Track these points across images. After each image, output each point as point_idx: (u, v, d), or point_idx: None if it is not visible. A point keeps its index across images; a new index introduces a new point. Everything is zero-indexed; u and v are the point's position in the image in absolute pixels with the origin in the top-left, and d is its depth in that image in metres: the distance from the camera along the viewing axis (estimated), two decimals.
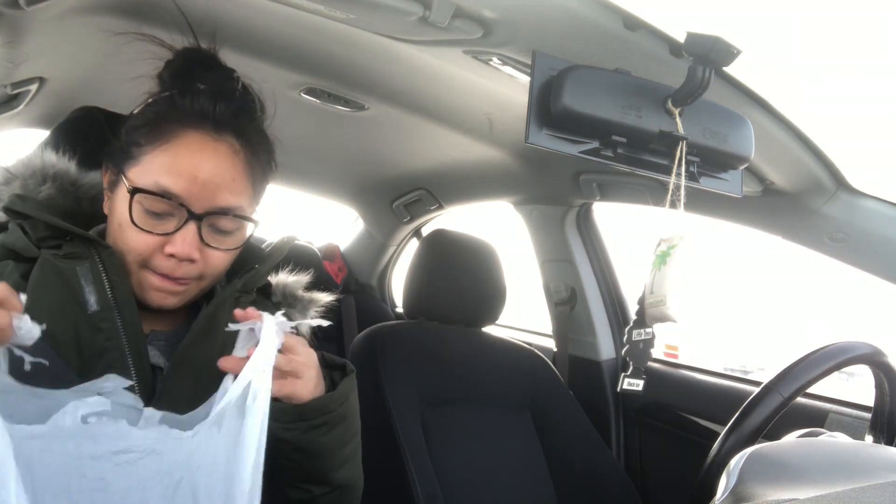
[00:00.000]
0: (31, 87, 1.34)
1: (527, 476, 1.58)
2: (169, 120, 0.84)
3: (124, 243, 0.83)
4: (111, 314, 0.83)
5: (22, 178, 0.88)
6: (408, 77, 1.35)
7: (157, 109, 0.86)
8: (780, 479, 0.64)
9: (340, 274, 2.65)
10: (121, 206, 0.83)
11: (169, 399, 0.83)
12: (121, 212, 0.83)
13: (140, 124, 0.85)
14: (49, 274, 0.82)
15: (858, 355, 0.98)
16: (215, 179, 0.83)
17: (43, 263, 0.82)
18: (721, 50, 0.78)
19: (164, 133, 0.83)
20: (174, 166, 0.82)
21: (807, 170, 1.18)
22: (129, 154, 0.84)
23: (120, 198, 0.84)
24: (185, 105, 0.84)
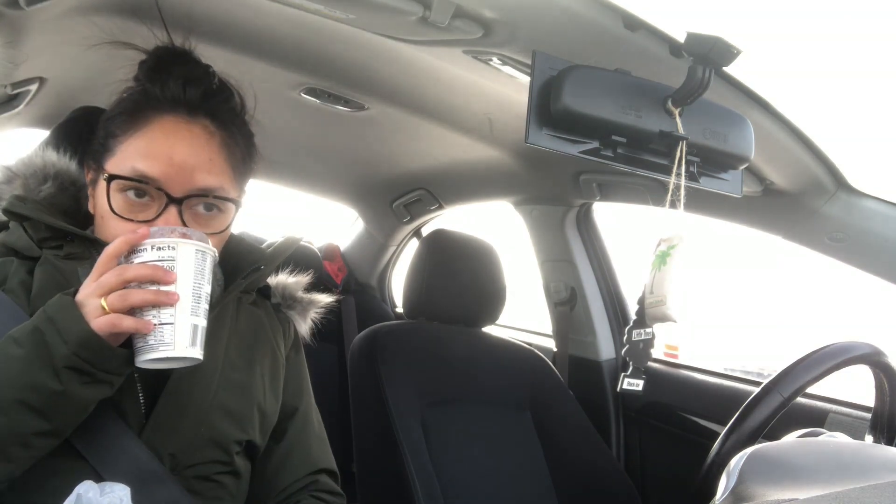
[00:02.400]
0: (31, 87, 1.34)
1: (527, 476, 1.58)
2: (142, 108, 0.84)
3: (107, 234, 0.82)
4: None
5: (23, 176, 0.89)
6: (408, 77, 1.35)
7: (130, 100, 0.86)
8: (780, 479, 0.64)
9: (340, 274, 2.65)
10: (100, 198, 0.83)
11: (175, 401, 0.83)
12: (101, 203, 0.83)
13: (114, 115, 0.86)
14: (51, 274, 0.82)
15: (858, 355, 0.98)
16: (190, 160, 0.83)
17: (45, 264, 0.83)
18: (721, 50, 0.78)
19: (138, 121, 0.83)
20: (149, 150, 0.82)
21: (807, 170, 1.18)
22: (106, 147, 0.85)
23: (100, 190, 0.84)
24: (156, 92, 0.85)
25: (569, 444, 1.63)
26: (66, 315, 0.69)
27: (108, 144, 0.84)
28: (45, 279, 0.82)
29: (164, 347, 0.71)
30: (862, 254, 1.27)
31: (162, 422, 0.82)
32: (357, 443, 1.52)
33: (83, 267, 0.83)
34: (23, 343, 0.69)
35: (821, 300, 2.95)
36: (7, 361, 0.69)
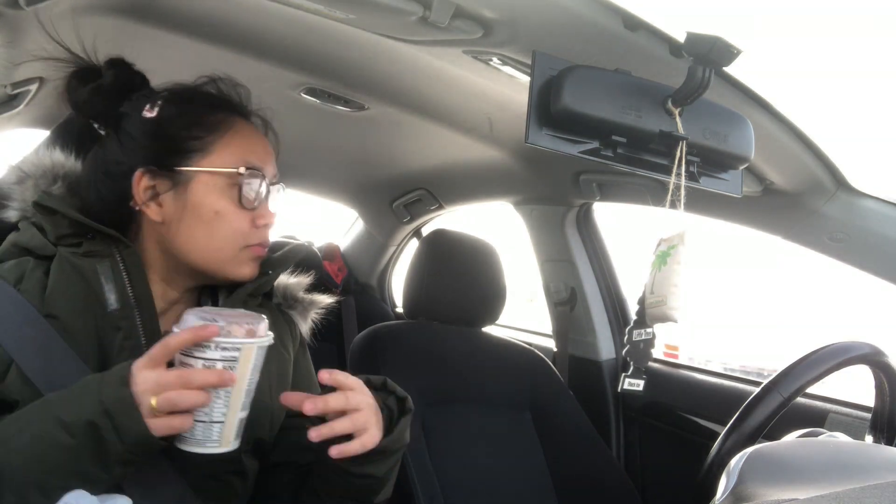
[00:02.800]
0: (31, 87, 1.34)
1: (527, 476, 1.58)
2: (216, 111, 0.88)
3: (227, 229, 0.85)
4: (131, 313, 0.83)
5: (34, 177, 0.88)
6: (408, 77, 1.35)
7: (199, 105, 0.88)
8: (780, 479, 0.64)
9: (340, 274, 2.65)
10: (213, 197, 0.85)
11: None
12: (215, 201, 0.85)
13: (190, 122, 0.86)
14: (68, 272, 0.82)
15: (858, 355, 0.98)
16: (269, 151, 0.92)
17: (61, 261, 0.83)
18: (721, 50, 0.78)
19: (220, 122, 0.87)
20: (250, 145, 0.88)
21: (807, 170, 1.18)
22: (188, 149, 0.85)
23: (205, 191, 0.85)
24: (219, 97, 0.90)
25: (569, 444, 1.63)
26: (125, 413, 0.68)
27: (191, 146, 0.85)
28: (62, 277, 0.82)
29: (211, 444, 0.72)
30: (862, 254, 1.27)
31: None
32: None
33: (102, 264, 0.84)
34: (75, 434, 0.68)
35: (821, 300, 2.95)
36: (55, 449, 0.68)
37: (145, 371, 0.70)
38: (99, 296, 0.82)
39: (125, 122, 0.87)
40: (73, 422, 0.68)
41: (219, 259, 0.86)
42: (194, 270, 0.88)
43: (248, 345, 0.72)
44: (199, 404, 0.70)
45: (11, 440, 0.68)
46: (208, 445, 0.72)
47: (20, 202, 0.88)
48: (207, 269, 0.87)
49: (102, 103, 0.87)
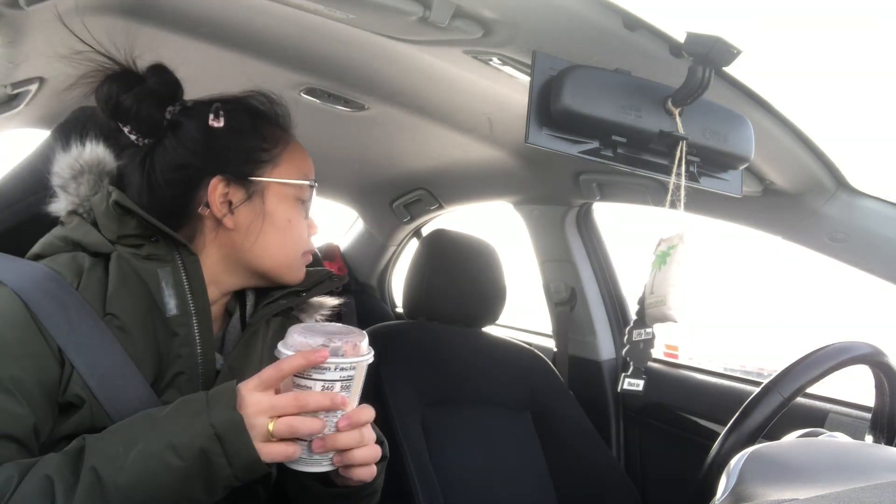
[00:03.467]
0: (31, 87, 1.34)
1: (527, 476, 1.58)
2: (276, 125, 0.93)
3: (297, 237, 0.92)
4: (189, 320, 0.83)
5: (88, 173, 0.87)
6: (408, 77, 1.35)
7: (264, 118, 0.92)
8: (780, 479, 0.64)
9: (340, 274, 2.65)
10: (286, 206, 0.90)
11: None
12: (288, 210, 0.90)
13: (261, 134, 0.90)
14: (128, 273, 0.81)
15: (858, 355, 0.98)
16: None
17: (120, 262, 0.81)
18: (721, 50, 0.78)
19: (281, 136, 0.92)
20: (304, 159, 0.95)
21: (807, 170, 1.18)
22: (259, 159, 0.89)
23: (278, 200, 0.89)
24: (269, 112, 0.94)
25: (569, 444, 1.63)
26: (236, 438, 0.67)
27: (262, 157, 0.89)
28: (122, 279, 0.81)
29: (325, 463, 0.73)
30: (862, 254, 1.27)
31: None
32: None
33: (164, 269, 0.83)
34: (185, 457, 0.67)
35: (821, 300, 2.95)
36: (163, 470, 0.66)
37: (256, 394, 0.70)
38: (158, 300, 0.82)
39: (183, 130, 0.87)
40: (183, 444, 0.67)
41: (286, 264, 0.91)
42: (255, 275, 0.91)
43: (362, 363, 0.73)
44: (316, 431, 0.70)
45: (118, 458, 0.67)
46: (324, 464, 0.73)
47: (74, 196, 0.86)
48: (273, 272, 0.91)
49: (148, 110, 0.86)
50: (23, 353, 0.72)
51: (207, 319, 0.85)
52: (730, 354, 2.24)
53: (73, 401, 0.74)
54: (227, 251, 0.88)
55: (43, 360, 0.73)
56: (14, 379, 0.70)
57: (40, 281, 0.76)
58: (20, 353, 0.72)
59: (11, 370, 0.71)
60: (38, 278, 0.77)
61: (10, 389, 0.70)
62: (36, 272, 0.77)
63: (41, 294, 0.75)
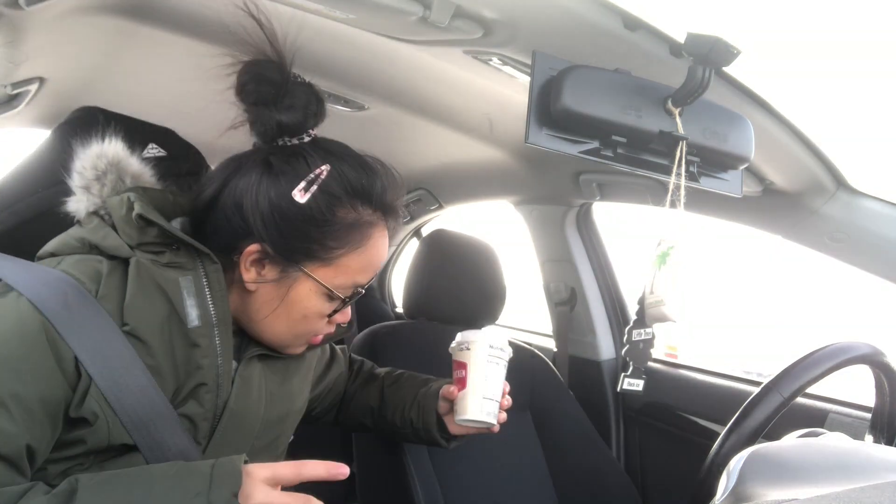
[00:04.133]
0: (31, 87, 1.34)
1: (527, 476, 1.58)
2: (366, 227, 0.86)
3: (308, 328, 0.88)
4: (211, 330, 0.81)
5: (111, 172, 0.85)
6: (408, 77, 1.35)
7: (343, 206, 0.84)
8: (780, 479, 0.64)
9: None
10: (310, 302, 0.85)
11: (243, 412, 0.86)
12: (310, 307, 0.85)
13: (329, 233, 0.83)
14: (147, 281, 0.78)
15: (858, 355, 0.98)
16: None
17: (139, 269, 0.78)
18: (721, 50, 0.78)
19: (359, 237, 0.85)
20: (370, 265, 0.88)
21: (807, 170, 1.18)
22: (312, 253, 0.83)
23: (306, 294, 0.85)
24: (372, 202, 0.87)
25: (569, 444, 1.63)
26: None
27: (318, 253, 0.83)
28: (141, 287, 0.78)
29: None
30: (862, 254, 1.27)
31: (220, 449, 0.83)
32: (357, 443, 1.52)
33: (185, 278, 0.80)
34: None
35: (821, 300, 2.95)
36: None
37: (265, 488, 0.69)
38: (178, 310, 0.79)
39: (270, 177, 0.82)
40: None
41: (285, 343, 0.90)
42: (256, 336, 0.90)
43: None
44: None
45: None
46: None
47: (97, 197, 0.84)
48: (269, 343, 0.89)
49: (289, 120, 0.83)
50: (28, 368, 0.70)
51: (229, 329, 0.83)
52: (730, 355, 2.24)
53: (87, 416, 0.72)
54: (240, 301, 0.86)
55: (51, 375, 0.71)
56: (12, 395, 0.68)
57: (59, 289, 0.73)
58: (25, 368, 0.69)
59: (11, 386, 0.68)
60: (57, 286, 0.73)
61: (6, 405, 0.67)
62: (54, 279, 0.74)
63: (60, 304, 0.72)
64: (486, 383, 1.05)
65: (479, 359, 1.06)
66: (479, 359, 1.06)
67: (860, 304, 2.19)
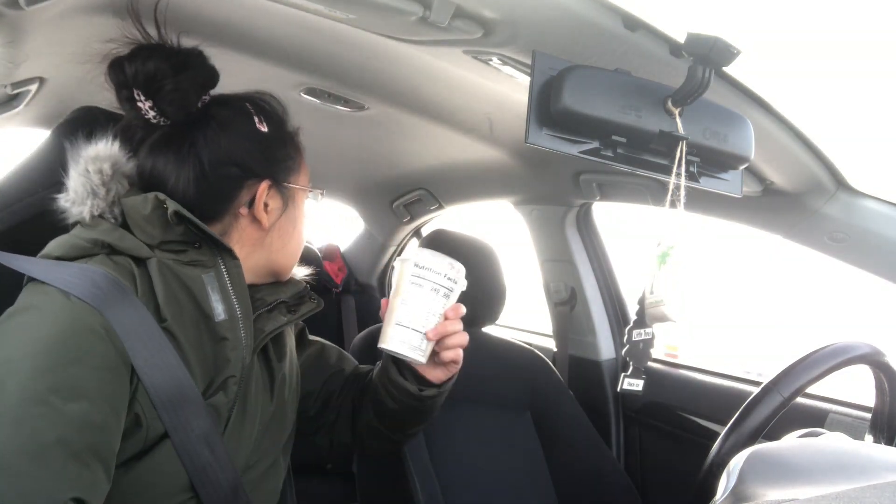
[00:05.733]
0: (31, 87, 1.34)
1: (527, 476, 1.58)
2: (289, 130, 0.97)
3: (300, 238, 0.97)
4: (236, 324, 0.84)
5: (117, 176, 0.86)
6: (408, 77, 1.35)
7: (286, 127, 0.97)
8: (780, 479, 0.64)
9: (340, 274, 2.65)
10: (302, 210, 0.97)
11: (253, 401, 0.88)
12: (298, 217, 0.96)
13: (292, 142, 0.97)
14: (171, 280, 0.80)
15: (858, 355, 0.98)
16: None
17: (161, 269, 0.80)
18: (721, 50, 0.78)
19: (297, 144, 0.98)
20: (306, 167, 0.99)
21: (807, 170, 1.18)
22: (288, 167, 0.94)
23: (300, 205, 0.97)
24: (284, 118, 0.97)
25: (569, 444, 1.63)
26: None
27: (289, 164, 0.95)
28: (167, 286, 0.79)
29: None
30: (862, 254, 1.27)
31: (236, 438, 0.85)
32: None
33: (208, 275, 0.83)
34: None
35: (821, 300, 2.95)
36: None
37: None
38: (205, 306, 0.81)
39: (232, 126, 0.89)
40: None
41: (289, 264, 0.97)
42: (268, 274, 0.95)
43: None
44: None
45: None
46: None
47: (104, 201, 0.84)
48: (286, 270, 0.97)
49: (185, 89, 0.86)
50: (96, 364, 0.71)
51: (251, 322, 0.86)
52: (729, 355, 2.24)
53: (129, 425, 0.74)
54: (252, 249, 0.91)
55: (116, 369, 0.72)
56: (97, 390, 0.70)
57: (105, 286, 0.73)
58: (93, 364, 0.70)
59: (89, 381, 0.69)
60: (103, 284, 0.73)
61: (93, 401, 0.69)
62: (98, 277, 0.74)
63: (113, 299, 0.73)
64: (402, 308, 0.88)
65: (401, 280, 0.90)
66: (402, 280, 0.90)
67: (860, 304, 2.19)
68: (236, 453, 0.84)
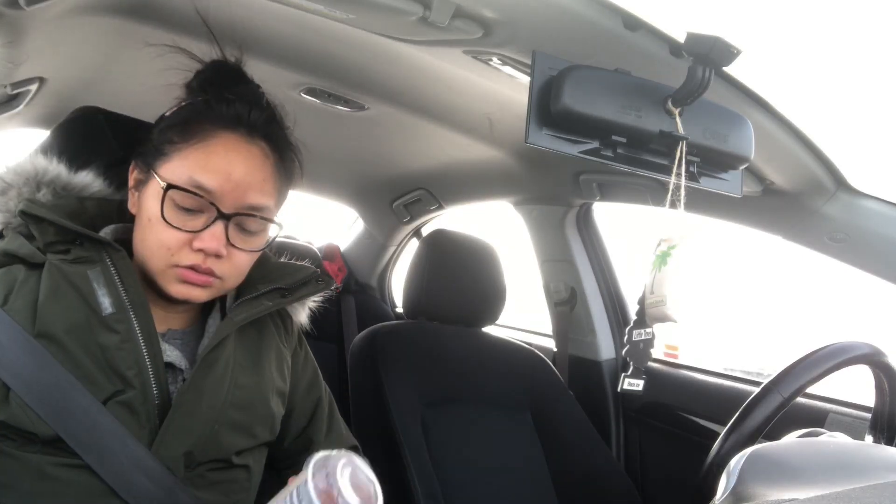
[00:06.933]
0: (31, 87, 1.34)
1: (527, 476, 1.58)
2: (204, 120, 0.85)
3: (154, 238, 0.83)
4: (126, 315, 0.82)
5: (17, 186, 0.87)
6: (408, 77, 1.35)
7: (193, 110, 0.87)
8: (780, 479, 0.64)
9: (340, 274, 2.65)
10: (151, 203, 0.83)
11: (185, 412, 0.83)
12: (151, 208, 0.83)
13: (174, 123, 0.86)
14: (58, 281, 0.81)
15: (858, 355, 0.98)
16: (247, 179, 0.85)
17: (51, 270, 0.81)
18: (721, 50, 0.78)
19: (199, 132, 0.85)
20: (209, 163, 0.83)
21: (807, 170, 1.18)
22: (161, 151, 0.85)
23: (150, 194, 0.84)
24: (221, 108, 0.86)
25: (569, 444, 1.63)
26: None
27: (164, 149, 0.85)
28: (52, 286, 0.80)
29: None
30: (862, 254, 1.27)
31: (171, 434, 0.82)
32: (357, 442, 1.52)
33: (94, 270, 0.83)
34: None
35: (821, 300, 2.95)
36: None
37: None
38: (91, 302, 0.81)
39: (159, 118, 0.92)
40: None
41: (149, 266, 0.85)
42: (145, 270, 0.87)
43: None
44: None
45: None
46: None
47: (3, 212, 0.87)
48: (149, 268, 0.86)
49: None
50: None
51: (147, 315, 0.83)
52: (729, 355, 2.24)
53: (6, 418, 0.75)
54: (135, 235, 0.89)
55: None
56: None
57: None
58: None
59: None
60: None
61: None
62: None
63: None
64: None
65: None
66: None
67: (860, 304, 2.19)
68: (171, 449, 0.82)
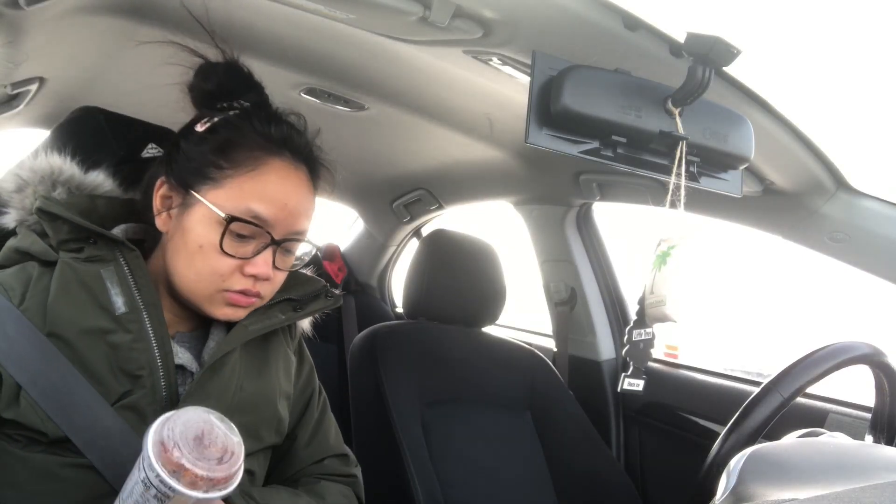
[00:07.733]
0: (31, 87, 1.34)
1: (526, 476, 1.58)
2: (253, 145, 0.85)
3: (206, 266, 0.82)
4: (139, 315, 0.82)
5: (33, 184, 0.87)
6: (408, 77, 1.35)
7: (233, 129, 0.86)
8: (780, 479, 0.64)
9: (340, 274, 2.65)
10: (203, 230, 0.82)
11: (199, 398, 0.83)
12: (203, 235, 0.82)
13: (216, 145, 0.84)
14: (70, 279, 0.81)
15: (858, 355, 0.98)
16: (299, 208, 0.87)
17: (63, 269, 0.81)
18: (721, 50, 0.78)
19: (250, 159, 0.84)
20: (265, 193, 0.83)
21: (807, 170, 1.18)
22: (205, 175, 0.84)
23: (200, 220, 0.83)
24: (267, 130, 0.86)
25: (569, 444, 1.63)
26: None
27: (210, 173, 0.83)
28: (64, 283, 0.80)
29: None
30: (862, 254, 1.27)
31: None
32: (357, 442, 1.52)
33: (107, 269, 0.82)
34: None
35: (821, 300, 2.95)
36: None
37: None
38: (104, 301, 0.81)
39: (186, 130, 0.89)
40: None
41: (193, 291, 0.85)
42: (171, 284, 0.87)
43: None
44: None
45: None
46: None
47: (19, 209, 0.87)
48: (184, 296, 0.86)
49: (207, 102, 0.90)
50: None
51: (159, 316, 0.83)
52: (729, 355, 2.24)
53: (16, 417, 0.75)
54: (164, 252, 0.88)
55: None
56: None
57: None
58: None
59: None
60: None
61: None
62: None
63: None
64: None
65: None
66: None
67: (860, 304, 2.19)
68: None
